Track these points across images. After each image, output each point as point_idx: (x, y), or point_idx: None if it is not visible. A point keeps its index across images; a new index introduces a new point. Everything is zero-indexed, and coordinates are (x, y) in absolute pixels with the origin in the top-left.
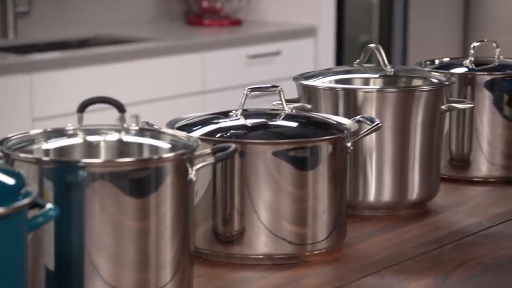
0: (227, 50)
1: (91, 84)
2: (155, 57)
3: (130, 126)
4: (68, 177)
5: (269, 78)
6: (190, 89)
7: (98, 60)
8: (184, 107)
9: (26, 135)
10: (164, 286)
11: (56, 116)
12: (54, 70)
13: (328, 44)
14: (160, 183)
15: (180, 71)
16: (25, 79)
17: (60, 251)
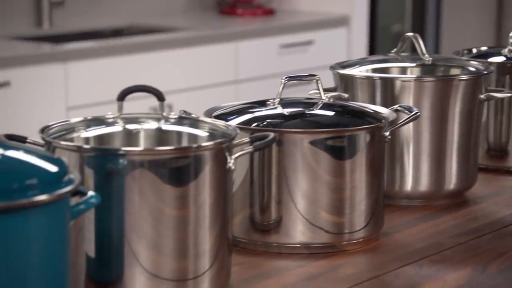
0: (260, 39)
1: (125, 73)
2: (188, 46)
3: (169, 115)
4: (108, 165)
5: (302, 67)
6: (223, 78)
7: (132, 50)
8: (217, 97)
9: (66, 123)
10: (203, 274)
11: (90, 105)
12: (88, 59)
13: (361, 34)
14: (199, 172)
15: (213, 60)
16: (60, 68)
17: (100, 239)
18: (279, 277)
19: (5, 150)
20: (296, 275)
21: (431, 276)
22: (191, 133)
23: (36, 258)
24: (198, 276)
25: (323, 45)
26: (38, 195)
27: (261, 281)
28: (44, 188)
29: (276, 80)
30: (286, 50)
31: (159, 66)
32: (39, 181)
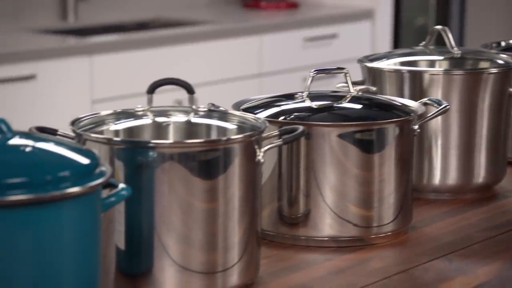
0: (284, 33)
1: (149, 66)
2: (212, 40)
3: (198, 108)
4: (138, 158)
5: (326, 61)
6: (246, 72)
7: (156, 43)
8: (240, 90)
9: (96, 115)
10: (232, 267)
11: (115, 98)
12: (113, 52)
13: (385, 27)
14: (228, 165)
15: (237, 54)
16: (85, 62)
17: (130, 231)
18: (308, 270)
19: (38, 142)
20: (324, 268)
21: (461, 270)
22: (220, 126)
23: (68, 250)
24: (227, 268)
25: (347, 38)
26: (70, 187)
27: (289, 274)
28: (76, 180)
29: (299, 73)
30: (310, 44)
31: (183, 60)
32: (71, 173)
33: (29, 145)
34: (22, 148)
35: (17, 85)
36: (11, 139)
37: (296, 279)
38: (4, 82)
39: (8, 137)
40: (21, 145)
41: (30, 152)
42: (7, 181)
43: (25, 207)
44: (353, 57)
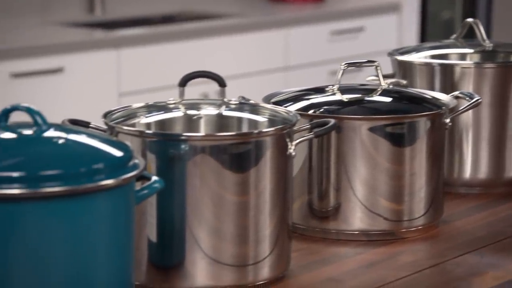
0: (310, 26)
1: (175, 59)
2: (238, 33)
3: (230, 101)
4: (170, 150)
5: (352, 54)
6: (272, 65)
7: (183, 36)
8: (266, 83)
9: (128, 108)
10: (263, 260)
11: (142, 91)
12: (140, 45)
13: (412, 20)
14: (260, 158)
15: (263, 47)
16: (112, 55)
17: (162, 224)
18: (339, 264)
19: (72, 134)
20: (355, 262)
21: (493, 264)
22: (252, 119)
23: (102, 242)
24: (258, 261)
25: (373, 31)
26: (104, 179)
27: (320, 268)
28: (110, 173)
29: (326, 67)
30: (336, 37)
31: (209, 53)
32: (105, 166)
33: (64, 138)
34: (57, 141)
35: (45, 78)
36: (46, 132)
37: (327, 273)
38: (32, 75)
39: (44, 129)
40: (56, 138)
41: (64, 145)
42: (42, 173)
43: (59, 199)
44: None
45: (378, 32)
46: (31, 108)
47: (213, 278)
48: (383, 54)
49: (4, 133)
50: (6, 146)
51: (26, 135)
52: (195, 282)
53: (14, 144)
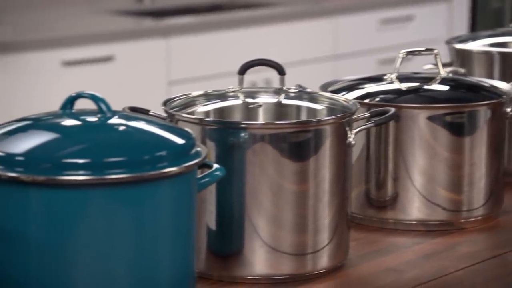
0: (359, 14)
1: (224, 48)
2: (286, 21)
3: (289, 89)
4: (230, 138)
5: (401, 42)
6: (321, 54)
7: (231, 25)
8: (314, 72)
9: (187, 96)
10: (322, 249)
11: (191, 80)
12: (188, 34)
13: (462, 9)
14: (319, 146)
15: (312, 36)
16: (161, 43)
17: (221, 211)
18: (397, 254)
19: (136, 122)
20: (414, 252)
21: None
22: (311, 108)
23: (165, 229)
24: (317, 250)
25: (423, 20)
26: (168, 167)
27: (379, 258)
28: (173, 160)
29: (374, 56)
30: (385, 26)
31: (257, 42)
32: (168, 153)
33: (128, 125)
34: (121, 128)
35: (95, 66)
36: (111, 119)
37: (386, 263)
38: (83, 64)
39: (108, 117)
40: (120, 125)
41: (128, 132)
42: (107, 160)
43: (123, 186)
44: (429, 39)
45: (427, 21)
46: (96, 95)
47: (271, 266)
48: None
49: (70, 120)
50: (71, 133)
51: (91, 122)
52: (253, 270)
53: (79, 131)
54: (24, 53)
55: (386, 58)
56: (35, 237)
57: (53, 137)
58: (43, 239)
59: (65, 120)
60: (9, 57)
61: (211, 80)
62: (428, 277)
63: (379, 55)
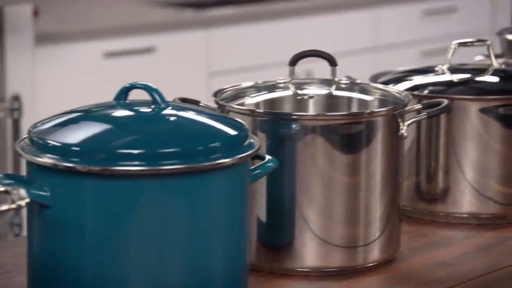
0: (402, 6)
1: (264, 39)
2: (327, 13)
3: (340, 80)
4: (281, 130)
5: (444, 34)
6: (361, 45)
7: (271, 16)
8: (356, 64)
9: (237, 87)
10: (373, 242)
11: (232, 71)
12: (229, 25)
13: (505, 1)
14: (371, 138)
15: (353, 27)
16: (202, 35)
17: (272, 203)
18: (449, 248)
19: (189, 113)
20: (466, 245)
21: None
22: (362, 99)
23: (218, 220)
24: (368, 243)
25: (466, 12)
26: (221, 158)
27: (431, 251)
28: (226, 152)
29: (417, 47)
30: (428, 17)
31: (298, 33)
32: (222, 144)
33: (182, 116)
34: (174, 119)
35: (136, 57)
36: (165, 110)
37: (438, 256)
38: (124, 55)
39: (162, 107)
40: (173, 116)
41: (182, 123)
42: (161, 151)
43: (177, 177)
44: (472, 30)
45: (470, 12)
46: (150, 86)
47: (322, 259)
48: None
49: (124, 111)
50: (126, 123)
51: (145, 112)
52: (304, 262)
53: (133, 122)
54: (66, 44)
55: (428, 49)
56: (90, 227)
57: (108, 128)
58: (97, 229)
59: (120, 110)
60: (51, 48)
61: (251, 71)
62: (482, 271)
63: (421, 47)
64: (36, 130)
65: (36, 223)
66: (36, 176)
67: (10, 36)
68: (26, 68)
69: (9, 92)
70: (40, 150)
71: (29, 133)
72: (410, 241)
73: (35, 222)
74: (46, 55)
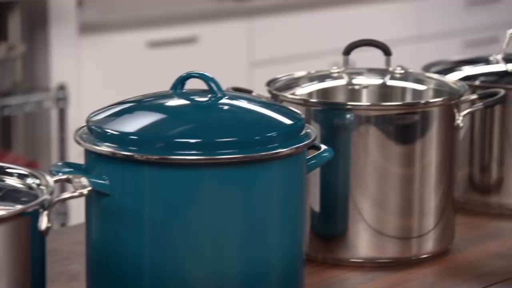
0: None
1: (306, 29)
2: (370, 3)
3: (395, 70)
4: (335, 120)
5: (487, 23)
6: (404, 34)
7: (313, 6)
8: (399, 53)
9: (290, 76)
10: (427, 233)
11: (273, 61)
12: (271, 15)
13: None
14: (426, 129)
15: (396, 16)
16: (244, 25)
17: (325, 193)
18: (505, 239)
19: (245, 102)
20: None
21: None
22: (416, 89)
23: (275, 210)
24: (422, 234)
25: (510, 1)
26: (278, 148)
27: (485, 242)
28: (283, 141)
29: (460, 37)
30: (472, 7)
31: (341, 23)
32: (279, 134)
33: (238, 105)
34: (231, 108)
35: (179, 47)
36: (221, 99)
37: (493, 248)
38: (166, 45)
39: (219, 97)
40: (230, 105)
41: (239, 112)
42: (218, 140)
43: (234, 167)
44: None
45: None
46: (206, 75)
47: (376, 249)
48: None
49: (181, 100)
50: (183, 112)
51: (202, 102)
52: (357, 253)
53: (190, 111)
54: (110, 34)
55: (472, 39)
56: (147, 215)
57: (165, 117)
58: (155, 217)
59: (177, 100)
60: (95, 38)
61: (293, 61)
62: None
63: (465, 37)
64: (95, 119)
65: (94, 211)
66: (95, 165)
67: (55, 26)
68: (70, 58)
69: (54, 81)
70: (99, 139)
71: (88, 122)
72: (464, 232)
73: (93, 210)
74: (90, 44)
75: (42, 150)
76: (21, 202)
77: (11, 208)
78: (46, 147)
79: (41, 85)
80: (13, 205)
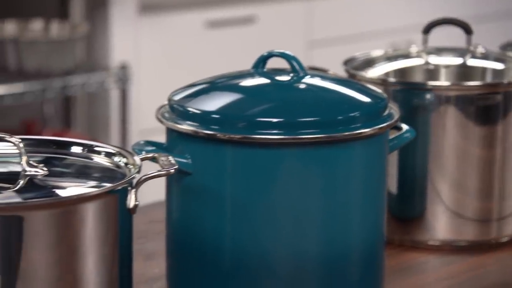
0: None
1: (364, 9)
2: None
3: (476, 49)
4: (414, 100)
5: None
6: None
7: None
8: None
9: (367, 56)
10: (508, 216)
11: (332, 41)
12: None
13: None
14: (508, 110)
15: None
16: (302, 5)
17: (403, 174)
18: None
19: (327, 82)
20: None
21: None
22: (497, 69)
23: (357, 191)
24: (503, 217)
25: None
26: (361, 128)
27: None
28: (366, 121)
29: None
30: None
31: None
32: (361, 114)
33: (320, 85)
34: (313, 87)
35: (237, 27)
36: (303, 78)
37: None
38: (224, 25)
39: (301, 76)
40: (312, 84)
41: (321, 92)
42: (300, 120)
43: (316, 146)
44: None
45: None
46: (288, 54)
47: (454, 232)
48: None
49: (263, 79)
50: (265, 92)
51: (284, 81)
52: (435, 235)
53: (272, 90)
54: (169, 14)
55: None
56: (229, 195)
57: (247, 96)
58: (236, 197)
59: (258, 79)
60: (154, 17)
61: (352, 42)
62: None
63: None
64: (176, 98)
65: (175, 190)
66: (177, 143)
67: (115, 5)
68: (130, 37)
69: (115, 61)
70: (180, 117)
71: (169, 100)
72: None
73: (174, 189)
74: (150, 24)
75: (100, 130)
76: (109, 180)
77: (100, 186)
78: (104, 127)
79: (102, 64)
80: (101, 183)
